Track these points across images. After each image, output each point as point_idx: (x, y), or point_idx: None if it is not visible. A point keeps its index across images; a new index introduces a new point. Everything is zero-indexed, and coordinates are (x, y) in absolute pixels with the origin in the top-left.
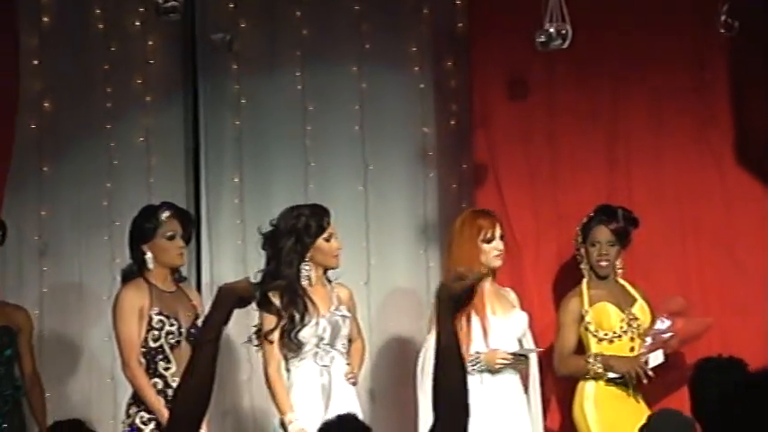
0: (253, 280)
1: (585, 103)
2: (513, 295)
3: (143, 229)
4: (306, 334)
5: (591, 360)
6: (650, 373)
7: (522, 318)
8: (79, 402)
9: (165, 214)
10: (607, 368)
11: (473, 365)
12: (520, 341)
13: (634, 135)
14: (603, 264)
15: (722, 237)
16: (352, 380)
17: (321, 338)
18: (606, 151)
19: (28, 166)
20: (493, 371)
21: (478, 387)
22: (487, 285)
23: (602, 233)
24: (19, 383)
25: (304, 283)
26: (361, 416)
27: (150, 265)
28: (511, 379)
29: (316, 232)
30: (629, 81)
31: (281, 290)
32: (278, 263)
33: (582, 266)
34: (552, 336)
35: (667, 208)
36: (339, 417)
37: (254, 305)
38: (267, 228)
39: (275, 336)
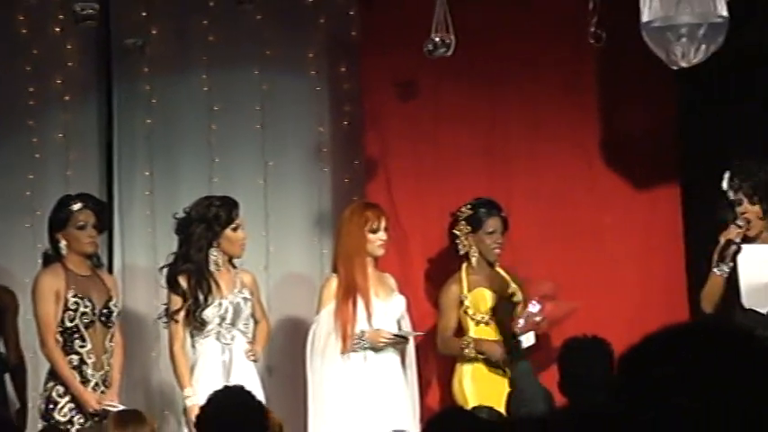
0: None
1: (467, 106)
2: (392, 280)
3: (57, 219)
4: (209, 314)
5: (464, 345)
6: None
7: (401, 301)
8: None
9: (77, 206)
10: (479, 352)
11: (358, 343)
12: (398, 322)
13: (511, 135)
14: (498, 251)
15: (591, 229)
16: (252, 357)
17: (223, 318)
18: (486, 150)
19: None
20: (376, 349)
21: (362, 363)
22: (371, 271)
23: (496, 223)
24: (4, 360)
25: (211, 267)
26: (260, 390)
27: (64, 252)
28: (391, 357)
29: (225, 222)
30: (507, 86)
31: (190, 272)
32: (188, 247)
33: (470, 254)
34: (435, 317)
35: (542, 202)
36: (226, 387)
37: (164, 285)
38: (181, 215)
39: (181, 315)
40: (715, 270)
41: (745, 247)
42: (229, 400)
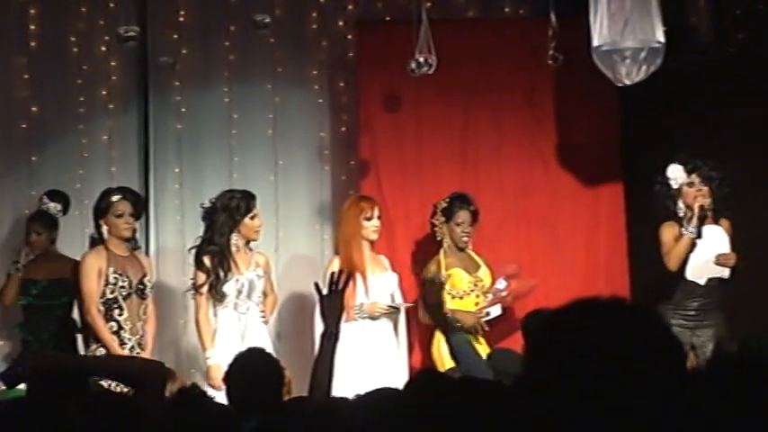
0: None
1: (444, 115)
2: (386, 260)
3: (99, 208)
4: (228, 288)
5: (446, 313)
6: (486, 326)
7: (393, 278)
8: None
9: (116, 197)
10: (455, 321)
11: (357, 313)
12: (392, 295)
13: (481, 140)
14: (466, 239)
15: (547, 219)
16: (263, 318)
17: (240, 292)
18: (460, 152)
19: (20, 157)
20: (373, 318)
21: (361, 330)
22: (367, 252)
23: (465, 215)
24: (76, 324)
25: (232, 249)
26: (271, 352)
27: (105, 236)
28: (386, 325)
29: (245, 211)
30: (478, 99)
31: (213, 253)
32: (213, 232)
33: (444, 241)
34: (417, 291)
35: (506, 197)
36: (249, 349)
37: (191, 263)
38: (207, 204)
39: (205, 289)
40: (687, 232)
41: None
42: (252, 358)
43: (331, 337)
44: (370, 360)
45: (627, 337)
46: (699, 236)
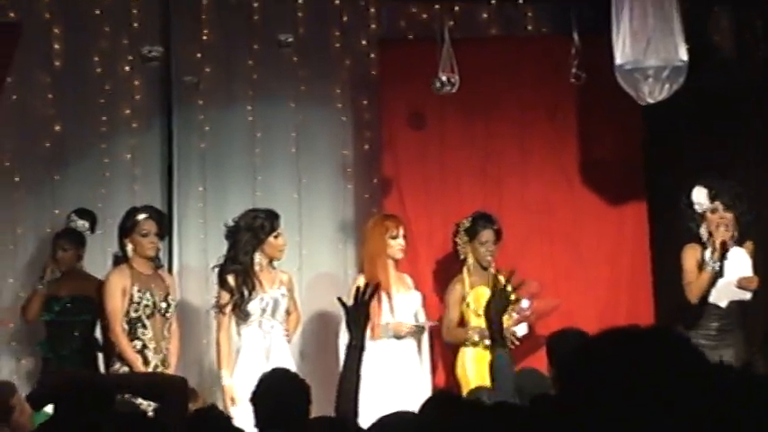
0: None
1: (467, 133)
2: (409, 279)
3: (125, 227)
4: (252, 307)
5: (470, 332)
6: (516, 342)
7: (417, 297)
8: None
9: (142, 216)
10: (482, 338)
11: (383, 332)
12: (415, 314)
13: (504, 158)
14: (489, 258)
15: (571, 237)
16: (286, 336)
17: (264, 310)
18: (482, 170)
19: (43, 176)
20: (398, 337)
21: (386, 348)
22: (392, 271)
23: (489, 234)
24: (98, 342)
25: (255, 268)
26: (294, 367)
27: (130, 254)
28: (410, 343)
29: (269, 231)
30: (501, 117)
31: (237, 272)
32: (236, 251)
33: (467, 259)
34: (441, 310)
35: (529, 214)
36: (274, 368)
37: (215, 282)
38: (230, 224)
39: (228, 308)
40: (710, 266)
41: (710, 251)
42: (278, 378)
43: (357, 347)
44: (395, 379)
45: (660, 366)
46: (721, 274)
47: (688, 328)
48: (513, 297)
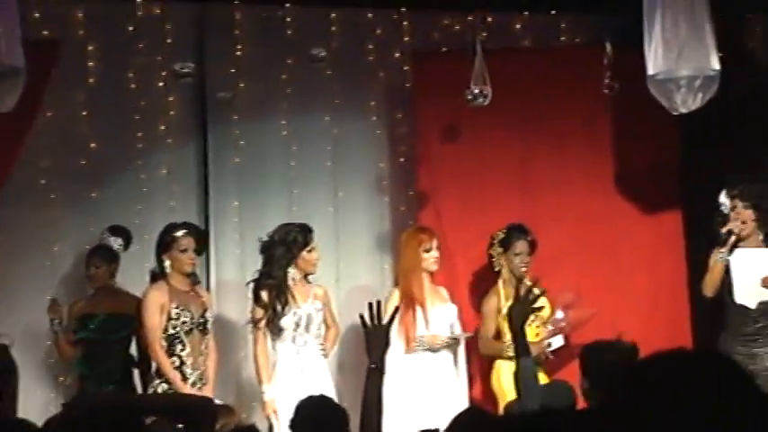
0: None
1: (503, 145)
2: (445, 292)
3: (164, 243)
4: (286, 321)
5: (506, 344)
6: (550, 356)
7: (453, 309)
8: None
9: (181, 233)
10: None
11: (418, 345)
12: (451, 327)
13: (540, 169)
14: (524, 269)
15: (608, 246)
16: (323, 351)
17: (298, 325)
18: (518, 181)
19: (80, 193)
20: (433, 350)
21: (422, 361)
22: (427, 284)
23: (523, 246)
24: (134, 359)
25: (289, 282)
26: (330, 384)
27: (168, 270)
28: (446, 356)
29: (302, 245)
30: (536, 127)
31: (271, 287)
32: (271, 266)
33: (502, 271)
34: (477, 322)
35: (565, 224)
36: (311, 396)
37: (250, 297)
38: (265, 239)
39: (263, 323)
40: (717, 258)
41: (736, 250)
42: (317, 405)
43: (376, 371)
44: (431, 392)
45: (709, 392)
46: (726, 268)
47: (725, 334)
48: (537, 304)
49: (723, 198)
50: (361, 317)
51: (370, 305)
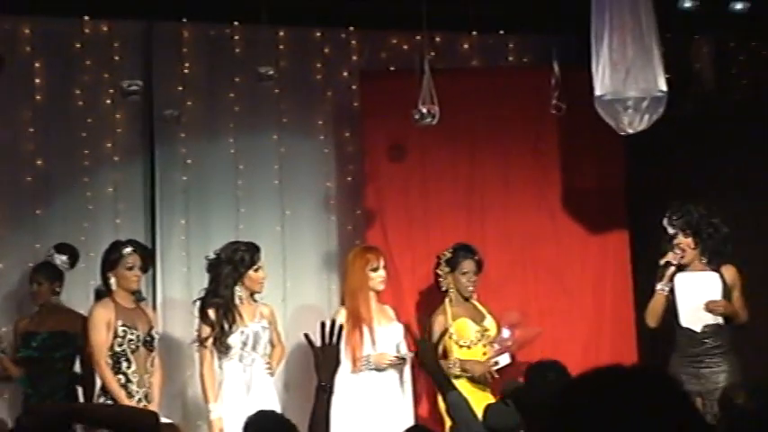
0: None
1: (450, 165)
2: (391, 311)
3: (109, 260)
4: (233, 340)
5: (451, 365)
6: (496, 375)
7: (399, 328)
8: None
9: (127, 250)
10: (464, 371)
11: (365, 364)
12: (397, 346)
13: (487, 190)
14: (471, 289)
15: (554, 267)
16: (269, 370)
17: (245, 344)
18: (465, 202)
19: (25, 210)
20: (380, 369)
21: (368, 380)
22: (373, 303)
23: (470, 265)
24: (78, 376)
25: (236, 301)
26: (276, 402)
27: (113, 288)
28: (392, 375)
29: (249, 264)
30: (482, 148)
31: (218, 306)
32: (217, 284)
33: (449, 291)
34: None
35: (512, 244)
36: (261, 411)
37: (196, 315)
38: (212, 257)
39: (209, 341)
40: (657, 289)
41: (680, 274)
42: (267, 421)
43: (326, 390)
44: (378, 411)
45: (644, 408)
46: (672, 294)
47: (675, 356)
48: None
49: (665, 224)
50: (307, 336)
51: (323, 324)
